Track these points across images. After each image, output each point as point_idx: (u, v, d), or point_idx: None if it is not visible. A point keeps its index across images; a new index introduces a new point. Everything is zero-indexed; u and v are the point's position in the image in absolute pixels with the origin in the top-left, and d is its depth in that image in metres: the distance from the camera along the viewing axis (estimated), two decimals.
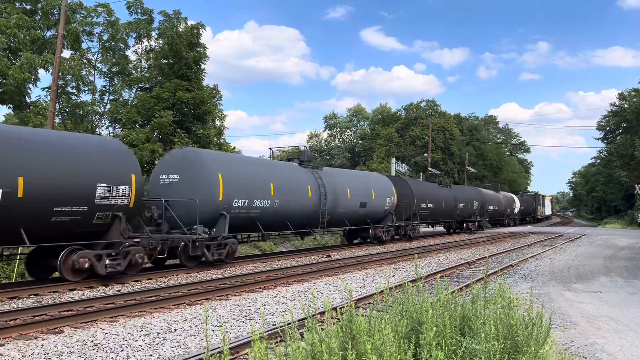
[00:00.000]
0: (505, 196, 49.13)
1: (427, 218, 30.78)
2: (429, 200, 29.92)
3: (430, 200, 29.97)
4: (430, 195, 30.36)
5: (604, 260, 18.98)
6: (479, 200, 38.54)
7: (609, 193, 68.49)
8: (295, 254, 20.20)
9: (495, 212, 44.10)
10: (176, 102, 26.46)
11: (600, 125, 68.93)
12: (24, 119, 23.20)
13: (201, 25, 29.05)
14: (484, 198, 40.40)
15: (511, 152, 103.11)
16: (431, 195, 30.61)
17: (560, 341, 7.28)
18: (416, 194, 27.96)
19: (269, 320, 8.37)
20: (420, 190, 29.41)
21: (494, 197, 44.57)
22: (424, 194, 29.70)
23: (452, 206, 33.68)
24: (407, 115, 67.03)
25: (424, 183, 33.95)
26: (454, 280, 12.74)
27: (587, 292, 11.80)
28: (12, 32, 23.12)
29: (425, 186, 31.72)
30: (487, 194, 42.96)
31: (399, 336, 4.02)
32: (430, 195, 30.54)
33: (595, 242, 29.00)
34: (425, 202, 29.43)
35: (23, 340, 7.11)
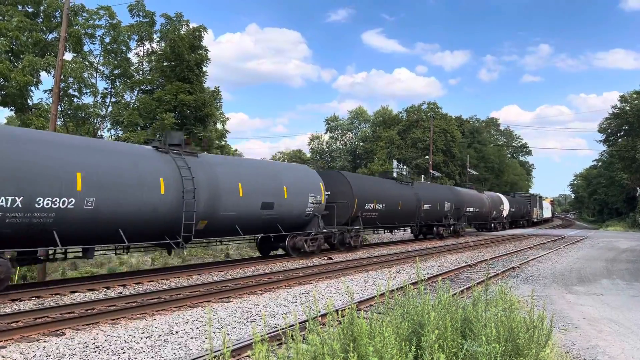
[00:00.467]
0: (490, 197, 43.59)
1: (375, 222, 24.50)
2: (378, 199, 23.95)
3: (379, 200, 24.01)
4: (379, 194, 24.34)
5: (605, 263, 18.95)
6: (453, 200, 32.85)
7: (610, 195, 68.44)
8: (297, 256, 20.18)
9: (476, 215, 38.53)
10: (178, 105, 26.53)
11: (602, 128, 68.88)
12: (26, 121, 23.26)
13: (203, 28, 29.14)
14: (460, 198, 34.42)
15: (513, 154, 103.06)
16: (381, 193, 24.60)
17: (562, 344, 7.28)
18: (357, 192, 22.12)
19: (270, 323, 8.37)
20: (364, 188, 23.37)
21: (474, 198, 38.64)
22: (370, 192, 23.65)
23: (414, 207, 27.70)
24: (409, 117, 67.04)
25: (370, 178, 28.45)
26: (455, 283, 12.73)
27: (589, 295, 11.79)
28: (14, 34, 23.18)
29: (371, 182, 25.87)
30: (465, 193, 37.23)
31: (400, 338, 4.03)
32: (380, 193, 24.50)
33: (597, 244, 28.95)
34: (372, 202, 23.42)
35: (25, 342, 7.12)
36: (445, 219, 31.99)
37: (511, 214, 49.82)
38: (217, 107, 31.24)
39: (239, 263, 17.41)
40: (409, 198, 27.37)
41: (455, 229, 33.49)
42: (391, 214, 25.52)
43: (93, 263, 19.62)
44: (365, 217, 23.28)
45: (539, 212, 66.14)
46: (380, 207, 24.22)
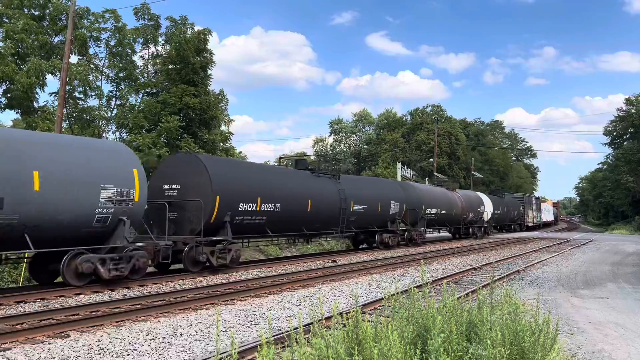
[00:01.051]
0: (466, 196, 36.38)
1: (264, 228, 17.20)
2: (266, 197, 16.92)
3: (269, 199, 17.02)
4: (267, 189, 17.17)
5: (611, 267, 18.86)
6: (403, 200, 25.85)
7: (616, 199, 68.05)
8: (301, 259, 20.18)
9: (443, 218, 31.17)
10: (183, 107, 26.59)
11: (607, 131, 68.71)
12: (32, 124, 23.37)
13: (208, 31, 29.21)
14: (415, 197, 27.35)
15: (517, 157, 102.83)
16: (271, 188, 17.38)
17: (567, 348, 7.24)
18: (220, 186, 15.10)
19: (275, 326, 8.36)
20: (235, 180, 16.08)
21: (439, 197, 31.18)
22: (247, 185, 16.36)
23: (337, 208, 20.79)
24: (413, 120, 67.05)
25: (253, 166, 19.33)
26: (459, 286, 12.69)
27: (594, 299, 11.73)
28: (20, 37, 23.31)
29: (254, 172, 17.73)
30: (425, 191, 30.12)
31: (405, 342, 4.01)
32: (269, 188, 17.29)
33: (602, 248, 28.82)
34: (252, 201, 16.37)
35: (30, 344, 7.14)
36: (393, 224, 25.22)
37: (496, 217, 42.91)
38: (222, 110, 31.29)
39: (243, 265, 17.41)
40: (327, 195, 20.37)
41: (410, 235, 26.73)
42: (291, 217, 18.32)
43: None
44: (241, 223, 16.23)
45: (535, 214, 59.42)
46: (270, 207, 17.14)
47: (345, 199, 21.29)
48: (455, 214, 33.08)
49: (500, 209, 44.17)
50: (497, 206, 42.68)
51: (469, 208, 35.29)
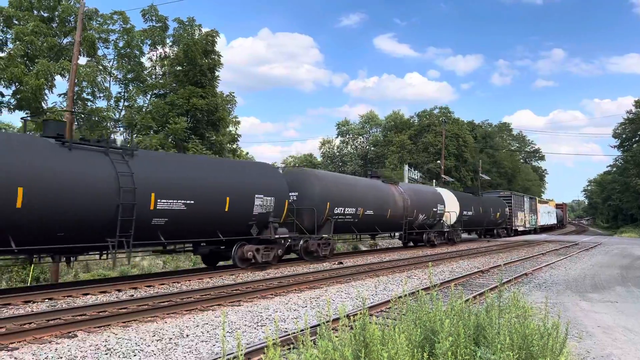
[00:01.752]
0: (415, 192, 27.47)
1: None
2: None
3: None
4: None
5: (620, 270, 18.70)
6: (282, 194, 17.08)
7: (625, 201, 67.52)
8: (307, 261, 20.16)
9: (368, 220, 22.31)
10: (190, 109, 26.70)
11: (617, 133, 68.31)
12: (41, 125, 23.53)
13: (215, 32, 29.33)
14: (318, 192, 19.39)
15: (525, 159, 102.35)
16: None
17: (576, 352, 7.17)
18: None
19: (281, 327, 8.35)
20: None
21: (361, 192, 22.40)
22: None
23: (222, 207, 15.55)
24: (420, 122, 66.88)
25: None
26: (466, 289, 12.62)
27: (603, 302, 11.63)
28: (29, 39, 23.50)
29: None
30: (335, 183, 20.94)
31: (412, 345, 3.99)
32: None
33: (611, 251, 28.60)
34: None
35: (37, 344, 7.16)
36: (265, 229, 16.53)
37: (467, 219, 33.43)
38: (229, 112, 31.40)
39: (251, 267, 17.41)
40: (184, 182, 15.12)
41: (305, 246, 19.05)
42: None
43: (105, 265, 19.74)
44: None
45: (528, 217, 49.96)
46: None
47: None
48: (393, 215, 24.12)
49: (474, 209, 34.67)
50: (467, 206, 33.30)
51: (419, 207, 26.65)
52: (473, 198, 36.23)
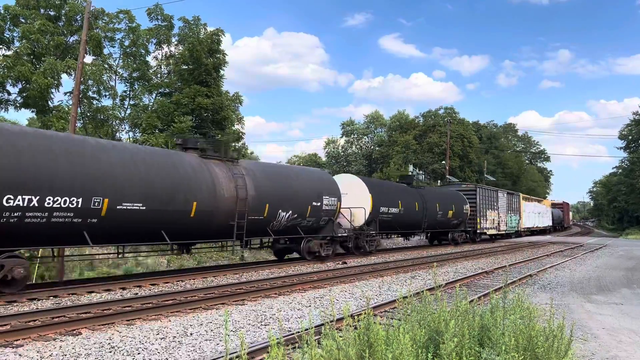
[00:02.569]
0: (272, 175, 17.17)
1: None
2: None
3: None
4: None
5: (625, 272, 18.61)
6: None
7: (631, 203, 67.15)
8: (311, 260, 20.16)
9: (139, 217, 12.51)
10: (195, 108, 26.74)
11: (622, 134, 68.04)
12: (47, 123, 23.63)
13: (221, 31, 29.36)
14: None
15: (531, 160, 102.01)
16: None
17: (581, 354, 7.14)
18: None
19: (284, 327, 8.34)
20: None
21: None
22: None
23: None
24: (425, 122, 66.74)
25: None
26: (471, 290, 12.59)
27: (608, 304, 11.57)
28: (36, 37, 23.59)
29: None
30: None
31: (416, 345, 3.97)
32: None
33: (617, 253, 28.47)
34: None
35: (42, 341, 7.19)
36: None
37: (391, 219, 23.76)
38: (234, 110, 31.43)
39: (254, 266, 17.44)
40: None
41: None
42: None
43: (110, 264, 19.81)
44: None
45: (504, 217, 39.25)
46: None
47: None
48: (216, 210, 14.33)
49: (404, 205, 24.43)
50: (389, 200, 23.43)
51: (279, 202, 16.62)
52: (404, 190, 25.85)
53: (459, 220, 31.21)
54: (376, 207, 22.36)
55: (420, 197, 26.84)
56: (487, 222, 35.70)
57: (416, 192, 27.24)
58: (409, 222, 25.78)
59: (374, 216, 22.32)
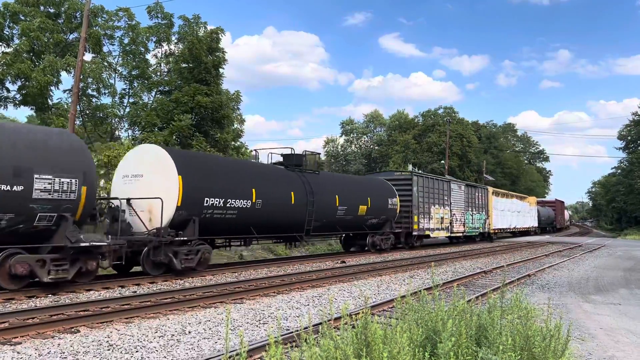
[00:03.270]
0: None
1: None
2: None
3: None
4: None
5: (623, 272, 18.64)
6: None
7: (629, 204, 67.17)
8: (310, 259, 20.19)
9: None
10: (195, 106, 26.71)
11: (622, 135, 68.09)
12: (46, 120, 23.61)
13: (220, 30, 29.33)
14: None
15: (530, 160, 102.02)
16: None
17: (578, 353, 7.15)
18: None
19: (283, 325, 8.35)
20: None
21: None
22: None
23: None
24: (425, 121, 66.75)
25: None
26: (469, 289, 12.60)
27: (606, 304, 11.60)
28: (36, 35, 23.57)
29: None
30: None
31: (414, 344, 3.98)
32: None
33: (615, 253, 28.50)
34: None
35: (40, 339, 7.19)
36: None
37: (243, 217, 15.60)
38: (234, 109, 31.41)
39: (252, 265, 17.45)
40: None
41: None
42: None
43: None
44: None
45: (461, 216, 31.15)
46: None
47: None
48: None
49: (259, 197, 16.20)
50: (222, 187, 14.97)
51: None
52: (269, 173, 17.88)
53: (382, 219, 23.03)
54: (193, 198, 13.86)
55: (305, 185, 18.45)
56: (432, 222, 27.40)
57: (297, 177, 18.55)
58: (277, 221, 17.20)
59: (191, 212, 13.91)
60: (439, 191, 28.68)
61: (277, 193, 17.20)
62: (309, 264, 18.21)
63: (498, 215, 39.16)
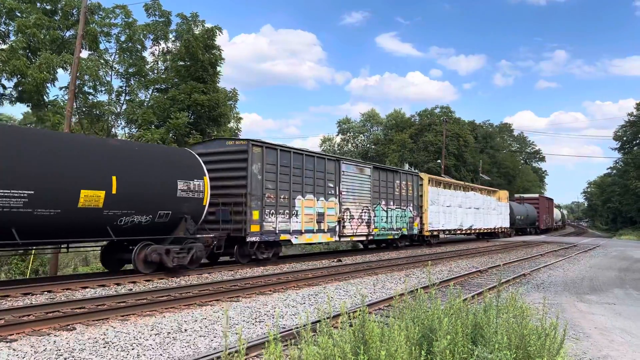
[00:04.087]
0: None
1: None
2: None
3: None
4: None
5: (618, 272, 18.73)
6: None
7: (624, 204, 67.48)
8: (307, 258, 20.20)
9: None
10: (192, 104, 26.66)
11: (617, 135, 68.38)
12: (42, 117, 23.53)
13: (218, 28, 29.27)
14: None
15: (526, 160, 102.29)
16: None
17: (572, 353, 7.19)
18: None
19: (279, 324, 8.36)
20: None
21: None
22: None
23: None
24: (421, 121, 66.83)
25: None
26: (464, 288, 12.64)
27: (601, 304, 11.65)
28: (32, 31, 23.46)
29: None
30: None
31: (410, 343, 4.00)
32: None
33: (610, 253, 28.63)
34: None
35: (36, 336, 7.18)
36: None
37: None
38: (230, 107, 31.35)
39: (248, 263, 17.43)
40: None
41: None
42: None
43: None
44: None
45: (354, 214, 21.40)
46: None
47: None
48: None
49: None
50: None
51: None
52: None
53: (162, 218, 13.29)
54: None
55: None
56: (296, 220, 18.09)
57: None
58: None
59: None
60: (314, 174, 19.06)
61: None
62: (305, 263, 18.23)
63: (440, 212, 29.62)
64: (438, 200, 29.48)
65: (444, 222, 30.03)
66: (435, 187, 29.58)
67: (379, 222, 23.32)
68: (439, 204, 29.61)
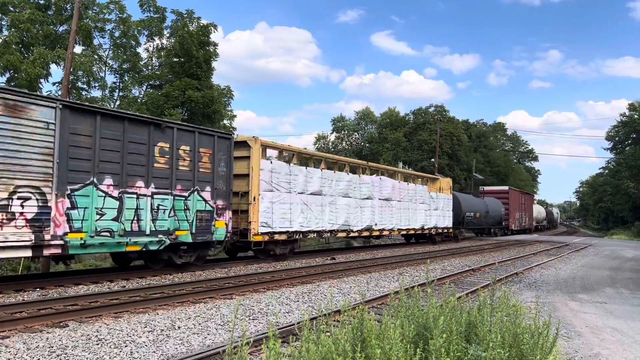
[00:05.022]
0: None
1: None
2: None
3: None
4: None
5: (609, 272, 18.86)
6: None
7: (616, 204, 67.94)
8: (300, 256, 20.20)
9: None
10: (186, 101, 26.60)
11: (610, 136, 68.78)
12: None
13: (213, 25, 29.20)
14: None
15: (519, 160, 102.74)
16: None
17: (564, 351, 7.25)
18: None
19: (273, 321, 8.37)
20: None
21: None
22: None
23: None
24: (415, 119, 66.96)
25: None
26: (458, 287, 12.69)
27: (592, 303, 11.74)
28: (26, 26, 23.31)
29: None
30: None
31: (405, 341, 4.02)
32: None
33: (602, 252, 28.82)
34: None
35: (28, 332, 7.15)
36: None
37: None
38: (225, 105, 31.30)
39: (243, 260, 17.44)
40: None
41: None
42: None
43: (97, 256, 19.68)
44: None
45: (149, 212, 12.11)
46: None
47: None
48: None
49: None
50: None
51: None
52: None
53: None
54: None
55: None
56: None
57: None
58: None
59: None
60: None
61: None
62: (298, 261, 18.23)
63: (295, 202, 18.69)
64: (290, 183, 18.45)
65: (302, 220, 18.99)
66: (283, 163, 18.69)
67: (107, 220, 11.53)
68: (293, 191, 18.57)
